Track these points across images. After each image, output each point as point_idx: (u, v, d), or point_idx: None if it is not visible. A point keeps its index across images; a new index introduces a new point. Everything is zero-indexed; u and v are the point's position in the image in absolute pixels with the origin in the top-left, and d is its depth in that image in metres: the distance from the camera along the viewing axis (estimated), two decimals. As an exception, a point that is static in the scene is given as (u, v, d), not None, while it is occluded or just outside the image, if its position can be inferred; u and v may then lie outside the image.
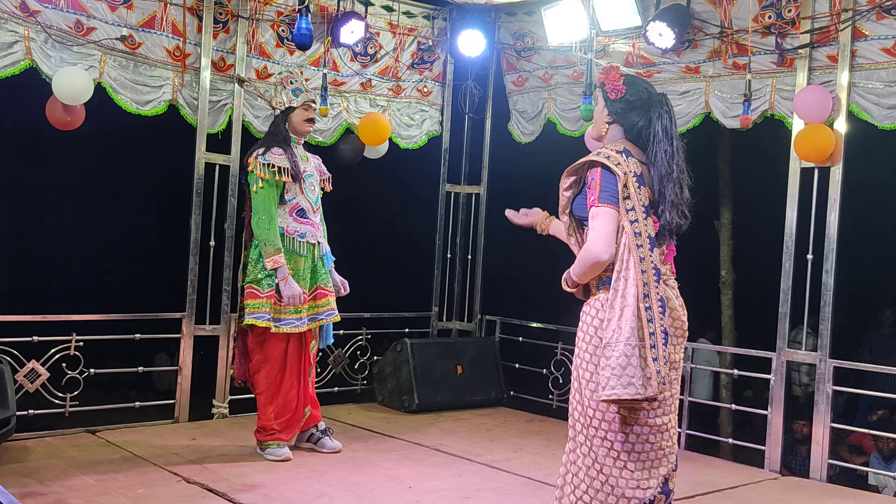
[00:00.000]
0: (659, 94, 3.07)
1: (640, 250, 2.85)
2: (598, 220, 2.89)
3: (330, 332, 5.14)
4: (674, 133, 3.00)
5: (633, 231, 2.86)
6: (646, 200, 2.91)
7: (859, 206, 5.88)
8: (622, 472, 2.92)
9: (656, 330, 2.83)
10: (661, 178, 2.94)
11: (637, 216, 2.88)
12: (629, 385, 2.80)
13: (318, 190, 4.99)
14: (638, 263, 2.84)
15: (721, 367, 7.86)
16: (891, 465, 6.60)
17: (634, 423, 2.92)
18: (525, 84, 6.84)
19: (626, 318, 2.83)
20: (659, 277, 2.89)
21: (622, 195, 2.88)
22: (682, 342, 3.05)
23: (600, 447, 2.94)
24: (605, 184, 2.89)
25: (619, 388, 2.80)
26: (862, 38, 4.96)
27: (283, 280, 4.72)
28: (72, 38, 5.09)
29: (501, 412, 6.48)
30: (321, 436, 5.05)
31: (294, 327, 4.80)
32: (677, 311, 2.99)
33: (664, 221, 2.95)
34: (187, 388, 5.66)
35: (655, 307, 2.85)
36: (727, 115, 5.54)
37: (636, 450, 2.93)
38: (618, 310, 2.86)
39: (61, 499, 3.96)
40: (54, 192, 9.97)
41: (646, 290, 2.84)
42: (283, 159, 4.77)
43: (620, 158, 2.92)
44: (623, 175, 2.88)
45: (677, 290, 3.06)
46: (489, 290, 7.33)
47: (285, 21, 5.92)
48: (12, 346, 5.01)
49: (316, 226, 4.92)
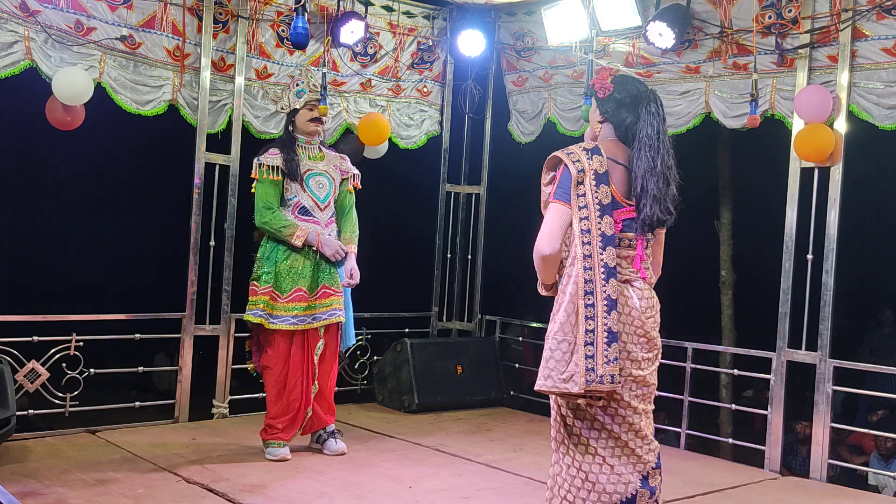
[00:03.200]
0: (648, 91, 3.05)
1: (585, 247, 2.84)
2: (547, 216, 2.92)
3: (350, 334, 5.09)
4: (661, 129, 2.98)
5: (581, 228, 2.86)
6: (605, 199, 2.88)
7: (859, 206, 5.89)
8: (602, 467, 2.90)
9: (597, 328, 2.81)
10: (643, 173, 2.92)
11: (589, 214, 2.86)
12: (548, 378, 2.86)
13: (328, 187, 4.98)
14: (581, 261, 2.84)
15: (721, 367, 7.86)
16: (891, 465, 6.60)
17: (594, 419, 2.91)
18: (525, 84, 6.84)
19: (560, 314, 2.88)
20: (609, 276, 2.84)
21: (576, 192, 2.87)
22: (646, 342, 2.96)
23: (573, 445, 2.95)
24: (562, 180, 2.91)
25: (540, 380, 2.88)
26: (862, 38, 4.96)
27: (319, 244, 4.79)
28: (72, 38, 5.09)
29: (501, 412, 6.48)
30: (327, 437, 5.05)
31: (289, 325, 4.80)
32: (636, 309, 2.93)
33: (644, 215, 2.93)
34: (187, 388, 5.66)
35: (600, 305, 2.82)
36: (727, 115, 5.54)
37: (609, 445, 2.91)
38: (556, 304, 2.92)
39: (61, 499, 3.96)
40: (54, 192, 9.96)
41: (588, 288, 2.83)
42: (276, 159, 4.85)
43: (581, 155, 2.90)
44: (578, 173, 2.87)
45: (646, 292, 2.99)
46: (489, 290, 7.33)
47: (285, 21, 5.91)
48: (12, 346, 5.01)
49: (323, 223, 4.91)
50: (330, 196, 4.99)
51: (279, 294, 4.80)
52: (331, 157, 5.10)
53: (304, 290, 4.83)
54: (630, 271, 2.97)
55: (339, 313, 4.90)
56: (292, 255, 4.82)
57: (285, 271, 4.82)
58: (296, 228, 4.79)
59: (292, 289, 4.81)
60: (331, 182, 5.01)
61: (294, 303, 4.81)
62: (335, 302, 4.89)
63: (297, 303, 4.81)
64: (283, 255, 4.83)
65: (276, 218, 4.80)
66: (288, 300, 4.80)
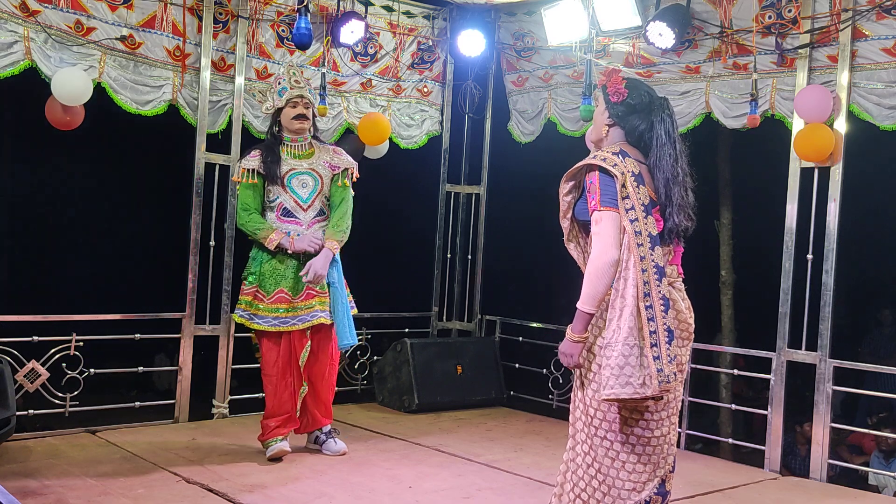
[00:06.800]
0: (660, 98, 3.08)
1: (640, 249, 2.86)
2: (602, 225, 2.90)
3: (345, 334, 4.87)
4: (676, 137, 3.02)
5: (634, 230, 2.87)
6: (646, 199, 2.91)
7: (859, 206, 5.88)
8: (620, 472, 2.94)
9: (658, 328, 2.83)
10: (666, 182, 2.96)
11: (637, 215, 2.88)
12: (627, 385, 2.81)
13: (313, 186, 4.90)
14: (638, 262, 2.85)
15: (721, 367, 7.85)
16: (891, 464, 6.60)
17: (635, 425, 2.94)
18: (525, 84, 6.84)
19: (625, 318, 2.84)
20: (661, 277, 2.88)
21: (621, 195, 2.89)
22: (688, 344, 3.06)
23: (599, 446, 2.96)
24: (604, 187, 2.90)
25: (617, 388, 2.82)
26: (862, 38, 4.96)
27: (291, 245, 4.77)
28: (72, 38, 5.09)
29: (501, 412, 6.48)
30: (326, 438, 5.05)
31: (270, 325, 4.78)
32: (683, 312, 3.00)
33: (672, 224, 2.96)
34: (187, 388, 5.66)
35: (657, 306, 2.85)
36: (727, 115, 5.54)
37: (636, 451, 2.94)
38: (618, 310, 2.87)
39: (61, 499, 3.96)
40: (54, 192, 9.95)
41: (646, 289, 2.84)
42: (254, 161, 4.86)
43: (616, 159, 2.92)
44: (620, 175, 2.89)
45: (684, 293, 3.08)
46: (489, 290, 7.32)
47: (285, 21, 5.92)
48: (12, 346, 5.01)
49: (306, 224, 4.86)
50: (314, 195, 4.90)
51: (263, 294, 4.80)
52: (322, 152, 5.01)
53: (287, 292, 4.80)
54: (671, 269, 3.01)
55: (322, 314, 4.80)
56: (276, 256, 4.82)
57: (269, 272, 4.81)
58: (269, 232, 4.77)
59: (275, 290, 4.80)
60: (316, 180, 4.92)
61: (276, 304, 4.79)
62: (318, 304, 4.81)
63: (279, 304, 4.79)
64: (266, 256, 4.83)
65: (252, 220, 4.81)
66: (270, 301, 4.79)
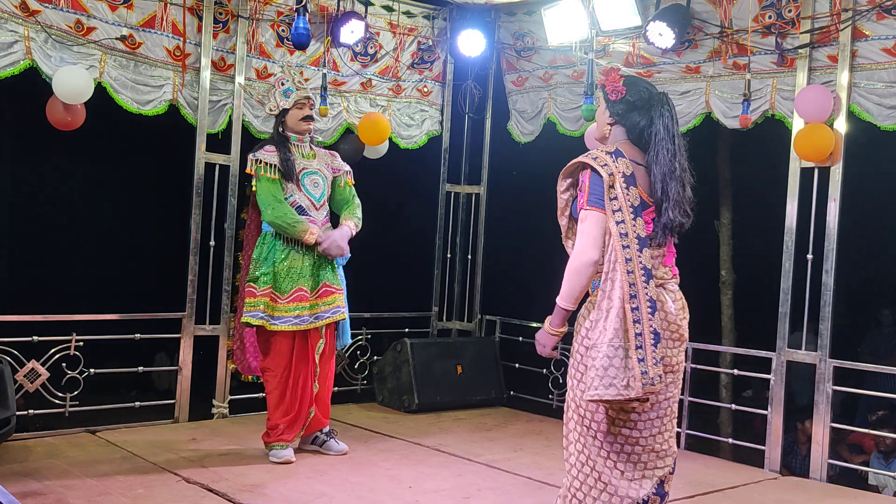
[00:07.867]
0: (660, 94, 3.07)
1: (626, 251, 2.85)
2: (586, 224, 2.90)
3: (346, 333, 5.04)
4: (675, 131, 3.00)
5: (619, 232, 2.86)
6: (636, 201, 2.90)
7: (859, 205, 5.87)
8: (612, 471, 2.94)
9: (644, 331, 2.82)
10: (663, 177, 2.94)
11: (624, 217, 2.86)
12: (610, 386, 2.81)
13: (323, 186, 4.95)
14: (624, 264, 2.84)
15: (721, 367, 7.86)
16: (891, 464, 6.60)
17: (622, 426, 2.94)
18: (525, 84, 6.84)
19: (611, 320, 2.84)
20: (648, 279, 2.86)
21: (608, 196, 2.87)
22: (681, 345, 3.05)
23: (591, 445, 2.97)
24: (593, 186, 2.89)
25: (601, 389, 2.82)
26: (862, 38, 4.96)
27: (324, 243, 4.75)
28: (72, 37, 5.09)
29: (501, 412, 6.48)
30: (326, 438, 5.04)
31: (292, 325, 4.77)
32: (671, 314, 2.99)
33: (666, 219, 2.95)
34: (187, 388, 5.66)
35: (644, 308, 2.83)
36: (727, 115, 5.54)
37: (625, 451, 2.95)
38: (604, 311, 2.87)
39: (61, 499, 3.96)
40: (54, 192, 9.95)
41: (633, 291, 2.83)
42: (272, 157, 4.80)
43: (608, 159, 2.91)
44: (608, 176, 2.87)
45: (678, 294, 3.06)
46: (489, 290, 7.32)
47: (285, 21, 5.92)
48: (12, 346, 5.01)
49: (319, 223, 4.88)
50: (325, 195, 4.95)
51: (279, 295, 4.77)
52: (322, 154, 5.06)
53: (306, 290, 4.80)
54: (663, 271, 3.00)
55: (342, 310, 4.89)
56: (291, 255, 4.80)
57: (284, 272, 4.79)
58: (308, 225, 4.75)
59: (292, 289, 4.78)
60: (324, 180, 4.97)
61: (295, 303, 4.78)
62: (337, 299, 4.87)
63: (298, 303, 4.78)
64: (281, 256, 4.79)
65: (289, 213, 4.74)
66: (288, 300, 4.77)
